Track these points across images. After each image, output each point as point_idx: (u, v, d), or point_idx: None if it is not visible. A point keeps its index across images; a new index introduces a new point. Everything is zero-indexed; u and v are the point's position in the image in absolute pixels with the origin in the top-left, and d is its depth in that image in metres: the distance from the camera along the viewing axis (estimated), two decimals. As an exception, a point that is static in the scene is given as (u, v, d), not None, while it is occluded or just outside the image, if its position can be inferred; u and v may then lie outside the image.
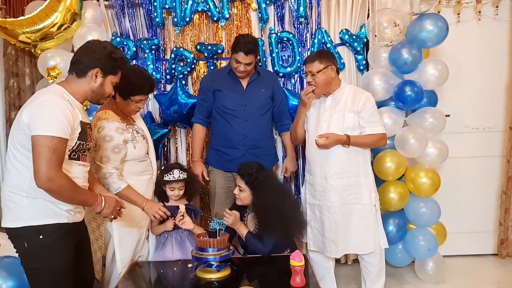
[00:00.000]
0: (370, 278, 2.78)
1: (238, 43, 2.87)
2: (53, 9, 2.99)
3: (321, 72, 2.62)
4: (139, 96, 2.43)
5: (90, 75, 1.94)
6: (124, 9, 3.41)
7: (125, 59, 2.05)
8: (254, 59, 2.90)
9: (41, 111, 1.78)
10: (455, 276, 3.35)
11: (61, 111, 1.79)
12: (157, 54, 3.45)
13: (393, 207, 3.15)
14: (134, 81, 2.37)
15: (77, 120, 1.88)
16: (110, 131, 2.34)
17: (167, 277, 2.37)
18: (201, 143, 3.13)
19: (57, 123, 1.77)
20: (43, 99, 1.82)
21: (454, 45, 3.45)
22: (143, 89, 2.43)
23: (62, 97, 1.85)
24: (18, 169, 1.84)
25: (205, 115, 3.11)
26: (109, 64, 1.95)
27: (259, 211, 2.57)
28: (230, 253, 2.30)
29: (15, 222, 1.84)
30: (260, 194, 2.55)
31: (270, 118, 3.10)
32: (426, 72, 3.13)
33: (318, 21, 3.42)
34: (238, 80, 3.02)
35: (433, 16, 3.06)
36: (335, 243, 2.64)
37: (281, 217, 2.47)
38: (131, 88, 2.39)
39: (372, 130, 2.61)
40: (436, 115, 3.15)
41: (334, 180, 2.63)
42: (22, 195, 1.83)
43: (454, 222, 3.51)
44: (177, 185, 2.67)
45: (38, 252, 1.84)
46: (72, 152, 1.90)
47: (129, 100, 2.43)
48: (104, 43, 2.02)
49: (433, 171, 3.17)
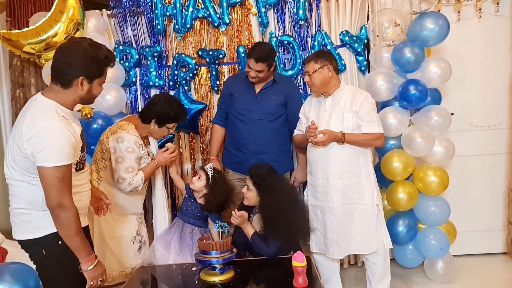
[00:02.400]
0: (375, 278, 2.76)
1: (253, 49, 2.90)
2: (56, 19, 3.03)
3: (317, 72, 2.64)
4: (174, 123, 2.68)
5: (76, 83, 1.83)
6: (126, 17, 3.47)
7: (109, 57, 1.90)
8: (266, 68, 2.90)
9: (44, 142, 1.73)
10: (464, 275, 3.32)
11: (64, 138, 1.76)
12: (160, 61, 3.49)
13: (402, 207, 3.13)
14: (170, 111, 2.62)
15: (77, 138, 1.85)
16: (129, 143, 2.55)
17: (171, 281, 2.38)
18: (218, 142, 3.22)
19: (62, 152, 1.75)
20: (43, 127, 1.74)
21: (456, 43, 3.43)
22: (178, 118, 2.68)
23: (59, 116, 1.79)
24: (28, 187, 1.83)
25: (223, 116, 3.20)
26: (93, 69, 1.85)
27: (264, 212, 2.57)
28: (233, 255, 2.31)
29: (36, 232, 1.85)
30: (267, 197, 2.55)
31: (283, 125, 3.06)
32: (429, 70, 3.12)
33: (318, 24, 3.44)
34: (253, 86, 3.05)
35: (434, 15, 3.05)
36: (338, 243, 2.63)
37: (287, 222, 2.46)
38: (169, 117, 2.63)
39: (369, 129, 2.61)
40: (441, 113, 3.13)
41: (336, 181, 2.62)
42: (38, 210, 1.84)
43: (463, 221, 3.47)
44: (200, 173, 2.73)
45: (57, 257, 1.86)
46: (77, 164, 1.91)
47: (164, 127, 2.66)
48: (83, 45, 1.84)
49: (441, 169, 3.15)
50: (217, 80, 3.46)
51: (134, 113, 3.55)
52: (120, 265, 2.64)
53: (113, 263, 2.61)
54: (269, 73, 3.00)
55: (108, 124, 3.07)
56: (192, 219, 2.72)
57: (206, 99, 3.51)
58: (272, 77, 3.05)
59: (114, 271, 2.62)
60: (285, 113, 3.05)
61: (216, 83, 3.46)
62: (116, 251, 2.63)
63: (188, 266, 2.48)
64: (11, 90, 3.45)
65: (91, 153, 3.07)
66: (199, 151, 3.57)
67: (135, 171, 2.56)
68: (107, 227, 2.62)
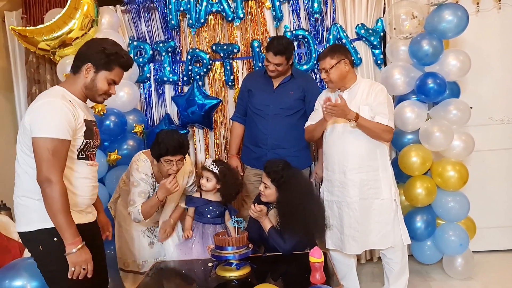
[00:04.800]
0: (393, 275, 2.72)
1: (271, 43, 2.90)
2: (71, 16, 3.04)
3: (334, 68, 2.60)
4: (167, 157, 2.49)
5: (83, 70, 1.90)
6: (140, 13, 3.47)
7: (120, 54, 1.95)
8: (284, 61, 2.89)
9: (41, 113, 1.77)
10: (483, 272, 3.26)
11: (60, 113, 1.77)
12: (174, 56, 3.49)
13: (420, 203, 3.07)
14: (161, 145, 2.47)
15: (79, 119, 1.86)
16: (138, 176, 2.56)
17: (188, 276, 2.38)
18: (237, 139, 3.23)
19: (56, 124, 1.76)
20: (44, 101, 1.80)
21: (475, 35, 3.36)
22: (167, 152, 2.47)
23: (63, 97, 1.83)
24: (27, 173, 1.83)
25: (242, 113, 3.20)
26: (101, 59, 1.90)
27: (282, 209, 2.55)
28: (249, 251, 2.29)
29: (29, 225, 1.83)
30: (285, 193, 2.54)
31: (301, 120, 3.00)
32: (448, 63, 3.06)
33: (334, 17, 3.39)
34: (271, 81, 3.04)
35: (452, 6, 3.00)
36: (355, 239, 2.59)
37: (304, 217, 2.45)
38: (159, 152, 2.48)
39: (380, 120, 2.54)
40: (460, 107, 3.07)
41: (353, 175, 2.59)
42: (34, 198, 1.82)
43: (482, 216, 3.39)
44: (206, 174, 2.72)
45: (53, 254, 1.82)
46: (80, 152, 1.90)
47: (161, 161, 2.52)
48: (103, 40, 1.99)
49: (460, 164, 3.09)
50: (231, 75, 3.44)
51: (147, 109, 3.56)
52: (132, 254, 2.72)
53: (127, 249, 2.71)
54: (288, 67, 2.98)
55: (121, 121, 3.08)
56: (211, 218, 2.71)
57: (220, 94, 3.50)
58: (290, 72, 3.03)
59: (129, 258, 2.71)
60: (303, 108, 3.02)
61: (230, 78, 3.44)
62: (129, 241, 2.71)
63: (204, 261, 2.48)
64: (27, 86, 3.48)
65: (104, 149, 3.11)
66: (213, 146, 3.55)
67: (135, 203, 2.54)
68: (122, 216, 2.73)
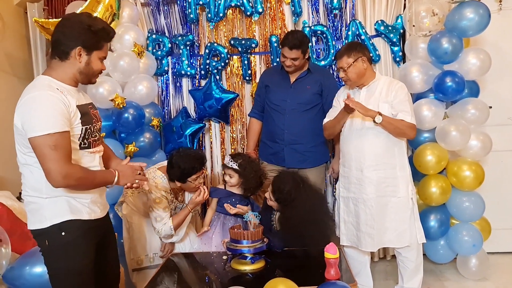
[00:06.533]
0: (407, 273, 2.72)
1: (285, 38, 2.90)
2: (93, 9, 3.06)
3: (351, 67, 2.58)
4: (195, 175, 2.59)
5: (73, 55, 1.77)
6: (159, 6, 3.49)
7: (107, 29, 1.84)
8: (300, 55, 2.89)
9: (31, 111, 1.67)
10: (498, 273, 3.23)
11: (50, 105, 1.67)
12: (192, 50, 3.51)
13: (434, 202, 3.06)
14: (184, 166, 2.55)
15: (71, 107, 1.74)
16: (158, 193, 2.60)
17: (203, 269, 2.40)
18: (255, 135, 3.24)
19: (49, 119, 1.65)
20: (29, 97, 1.69)
21: (496, 34, 3.31)
22: (194, 169, 2.58)
23: (50, 87, 1.71)
24: (32, 172, 1.76)
25: (259, 109, 3.20)
26: (90, 39, 1.77)
27: (283, 224, 2.59)
28: (264, 245, 2.31)
29: (42, 223, 1.77)
30: (286, 212, 2.55)
31: (318, 115, 2.99)
32: (467, 61, 3.02)
33: (353, 13, 3.38)
34: (288, 76, 3.04)
35: (474, 4, 2.95)
36: (371, 236, 2.59)
37: (302, 232, 2.42)
38: (185, 173, 2.56)
39: (403, 117, 2.53)
40: (478, 106, 3.03)
41: (370, 172, 2.58)
42: (43, 196, 1.76)
43: (497, 217, 3.36)
44: (227, 171, 2.75)
45: (59, 250, 1.77)
46: (82, 141, 1.81)
47: (188, 181, 2.59)
48: (80, 16, 1.82)
49: (476, 164, 3.06)
50: (249, 69, 3.45)
51: (165, 101, 3.59)
52: (144, 249, 2.73)
53: (139, 246, 2.73)
54: (304, 62, 2.98)
55: (139, 113, 3.11)
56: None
57: (237, 88, 3.51)
58: (307, 67, 3.03)
59: (141, 254, 2.73)
60: (321, 103, 3.01)
61: (247, 73, 3.45)
62: (141, 235, 2.72)
63: (219, 254, 2.50)
64: (48, 77, 3.52)
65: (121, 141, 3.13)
66: (229, 140, 3.57)
67: (163, 220, 2.58)
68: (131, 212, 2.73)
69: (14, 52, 3.54)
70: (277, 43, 3.34)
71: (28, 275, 2.23)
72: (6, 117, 3.18)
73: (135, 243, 2.71)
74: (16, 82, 3.50)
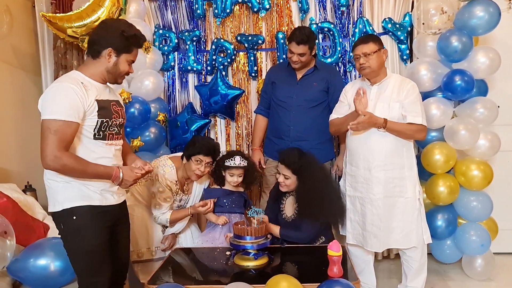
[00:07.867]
0: (412, 273, 2.70)
1: (293, 33, 2.89)
2: (100, 4, 3.06)
3: (376, 54, 2.52)
4: (200, 156, 2.63)
5: (104, 55, 1.95)
6: (166, 1, 3.49)
7: (138, 36, 2.01)
8: (307, 51, 2.87)
9: (47, 97, 1.84)
10: (503, 274, 3.21)
11: (64, 94, 1.82)
12: (198, 45, 3.50)
13: (442, 201, 3.04)
14: (197, 143, 2.66)
15: (88, 100, 1.87)
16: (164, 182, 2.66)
17: (205, 264, 2.40)
18: (261, 132, 3.23)
19: (59, 107, 1.80)
20: (52, 86, 1.88)
21: (505, 33, 3.27)
22: (203, 150, 2.64)
23: (74, 80, 1.88)
24: None
25: (265, 106, 3.20)
26: (121, 43, 1.95)
27: (301, 195, 2.60)
28: (268, 242, 2.31)
29: (55, 206, 1.93)
30: (305, 179, 2.59)
31: (324, 112, 2.98)
32: (477, 60, 3.00)
33: (360, 10, 3.35)
34: (294, 73, 3.03)
35: (484, 2, 2.92)
36: (377, 236, 2.57)
37: (322, 201, 2.50)
38: (195, 147, 2.64)
39: (413, 120, 2.50)
40: (487, 105, 3.01)
41: (378, 172, 2.55)
42: (57, 180, 1.90)
43: (503, 218, 3.33)
44: (237, 172, 2.73)
45: (72, 232, 1.93)
46: (98, 132, 1.93)
47: (191, 160, 2.65)
48: (118, 22, 2.03)
49: (485, 164, 3.04)
50: (255, 66, 3.44)
51: (171, 97, 3.59)
52: (146, 242, 2.76)
53: (141, 239, 2.74)
54: (311, 59, 2.97)
55: (145, 108, 3.11)
56: (237, 208, 2.75)
57: (243, 85, 3.50)
58: (313, 64, 3.01)
59: (142, 247, 2.75)
60: (327, 100, 3.00)
61: (253, 69, 3.44)
62: (142, 228, 2.74)
63: (222, 250, 2.51)
64: (54, 71, 3.52)
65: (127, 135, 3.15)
66: (234, 137, 3.57)
67: (161, 208, 2.67)
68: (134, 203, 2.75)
69: (21, 46, 3.55)
70: (283, 40, 3.32)
71: (32, 267, 2.24)
72: (12, 110, 3.21)
73: (136, 235, 2.73)
74: (24, 76, 3.51)
